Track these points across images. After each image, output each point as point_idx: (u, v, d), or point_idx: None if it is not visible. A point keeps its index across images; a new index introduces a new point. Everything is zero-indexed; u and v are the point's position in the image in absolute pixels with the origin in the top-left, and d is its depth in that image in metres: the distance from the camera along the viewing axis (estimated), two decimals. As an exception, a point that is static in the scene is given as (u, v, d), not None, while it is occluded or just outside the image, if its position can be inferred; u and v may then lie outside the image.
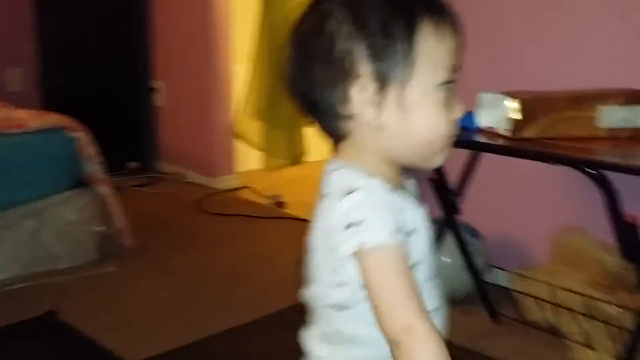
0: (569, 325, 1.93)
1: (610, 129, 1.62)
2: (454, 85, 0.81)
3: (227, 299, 2.35)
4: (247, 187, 3.70)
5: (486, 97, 1.69)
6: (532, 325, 2.04)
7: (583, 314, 1.87)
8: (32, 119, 2.52)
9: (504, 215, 2.39)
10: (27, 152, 2.43)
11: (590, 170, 1.46)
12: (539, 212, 2.28)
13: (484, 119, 1.70)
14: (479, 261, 2.17)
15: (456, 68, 0.81)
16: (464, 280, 2.20)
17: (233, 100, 3.72)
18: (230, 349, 2.02)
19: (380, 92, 0.78)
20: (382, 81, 0.77)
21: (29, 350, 1.98)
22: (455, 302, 2.24)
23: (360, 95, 0.78)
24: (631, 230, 1.51)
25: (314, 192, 3.04)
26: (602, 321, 1.82)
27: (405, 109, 0.79)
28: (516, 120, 1.58)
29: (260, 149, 3.63)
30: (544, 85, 1.79)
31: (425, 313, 0.77)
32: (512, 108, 1.59)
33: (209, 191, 3.62)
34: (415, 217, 0.83)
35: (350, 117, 0.80)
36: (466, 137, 1.70)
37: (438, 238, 2.02)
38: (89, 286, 2.42)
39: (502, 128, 1.62)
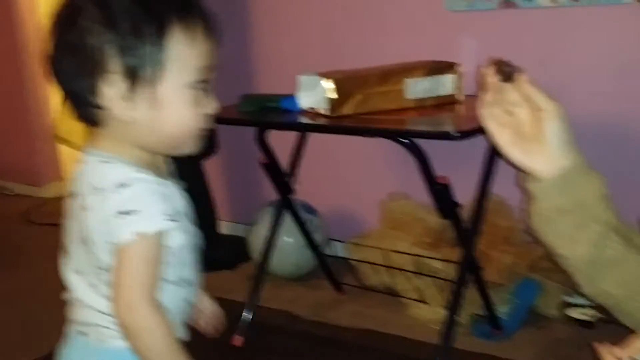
0: (403, 284, 2.09)
1: (417, 100, 1.75)
2: (208, 83, 0.87)
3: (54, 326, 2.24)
4: (79, 192, 3.54)
5: (304, 79, 1.76)
6: (371, 289, 2.18)
7: (414, 272, 2.03)
8: None
9: (336, 190, 2.52)
10: None
11: (402, 140, 1.58)
12: (368, 183, 2.43)
13: (305, 100, 1.77)
14: (318, 237, 2.26)
15: (210, 68, 0.87)
16: (306, 257, 2.29)
17: (51, 103, 3.52)
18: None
19: (130, 89, 0.83)
20: (132, 78, 0.82)
21: None
22: (300, 279, 2.34)
23: (110, 90, 0.83)
24: (444, 190, 1.66)
25: None
26: (430, 276, 1.99)
27: (155, 105, 0.84)
28: (333, 99, 1.66)
29: (87, 151, 3.48)
30: (356, 63, 1.89)
31: (157, 305, 0.86)
32: (328, 88, 1.66)
33: (37, 201, 3.42)
34: (181, 201, 0.93)
35: (101, 108, 0.84)
36: (290, 119, 1.76)
37: (277, 219, 2.08)
38: None
39: (322, 107, 1.70)
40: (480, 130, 1.56)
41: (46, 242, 2.88)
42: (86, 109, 0.86)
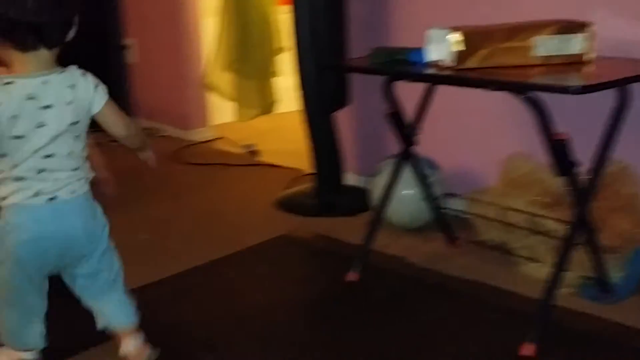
0: (516, 242, 2.12)
1: (544, 57, 1.78)
2: None
3: (205, 238, 2.51)
4: (221, 138, 3.84)
5: (433, 33, 1.83)
6: (484, 245, 2.23)
7: (528, 229, 2.06)
8: None
9: (458, 146, 2.57)
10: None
11: (522, 93, 1.63)
12: (489, 141, 2.47)
13: (432, 53, 1.85)
14: (436, 190, 2.35)
15: None
16: (423, 210, 2.38)
17: (204, 53, 3.83)
18: (210, 279, 2.18)
19: None
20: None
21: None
22: (416, 230, 2.44)
23: None
24: (561, 146, 1.68)
25: (286, 141, 3.27)
26: (545, 234, 2.01)
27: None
28: (459, 52, 1.73)
29: (232, 100, 3.75)
30: (488, 22, 1.94)
31: None
32: (455, 41, 1.73)
33: (185, 143, 3.76)
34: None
35: None
36: (417, 70, 1.85)
37: (397, 170, 2.19)
38: None
39: (448, 60, 1.77)
40: (601, 87, 1.59)
41: (190, 179, 3.20)
42: None
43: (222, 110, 4.02)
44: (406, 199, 2.38)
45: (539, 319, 1.73)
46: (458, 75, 1.72)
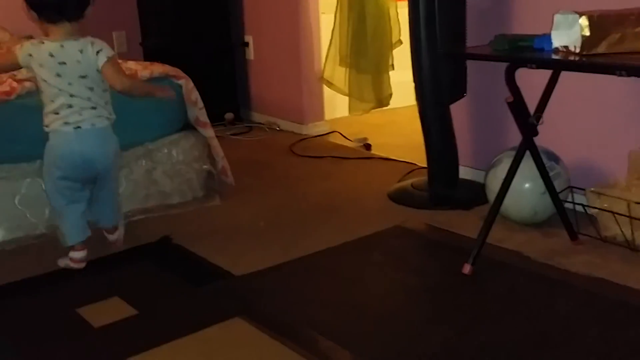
0: (645, 238, 2.01)
1: (681, 42, 1.68)
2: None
3: (320, 227, 2.56)
4: (335, 132, 3.90)
5: (559, 17, 1.78)
6: (610, 241, 2.14)
7: (658, 225, 1.95)
8: (143, 69, 2.79)
9: (582, 137, 2.47)
10: (140, 99, 2.70)
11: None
12: (616, 132, 2.35)
13: (558, 39, 1.80)
14: (558, 184, 2.26)
15: None
16: (544, 203, 2.31)
17: (320, 49, 3.90)
18: (326, 265, 2.23)
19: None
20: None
21: (148, 269, 2.26)
22: (536, 225, 2.37)
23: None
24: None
25: (399, 135, 3.32)
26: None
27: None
28: (586, 37, 1.67)
29: (346, 94, 3.80)
30: (616, 5, 1.86)
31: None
32: (582, 26, 1.68)
33: (300, 137, 3.85)
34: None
35: None
36: (542, 57, 1.80)
37: (517, 161, 2.13)
38: (197, 217, 2.70)
39: (575, 46, 1.72)
40: None
41: (305, 171, 3.28)
42: None
43: (336, 105, 4.08)
44: (525, 192, 2.31)
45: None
46: (586, 61, 1.66)
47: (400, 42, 3.68)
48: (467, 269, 2.09)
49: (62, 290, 2.12)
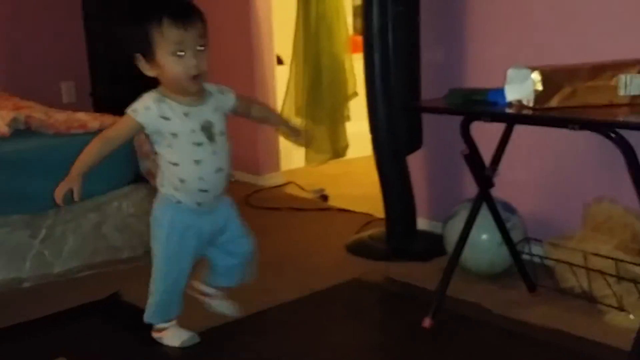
0: (602, 290, 2.01)
1: (631, 97, 1.72)
2: (187, 50, 1.70)
3: (276, 280, 2.49)
4: (292, 182, 3.87)
5: (512, 72, 1.81)
6: (567, 292, 2.13)
7: (615, 276, 1.96)
8: (92, 120, 2.73)
9: (538, 190, 2.49)
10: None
11: (610, 133, 1.57)
12: (572, 185, 2.38)
13: (511, 93, 1.82)
14: (515, 235, 2.27)
15: (182, 42, 1.70)
16: (501, 255, 2.30)
17: (275, 100, 3.90)
18: (282, 321, 2.16)
19: (145, 60, 1.75)
20: (143, 55, 1.75)
21: (96, 328, 2.16)
22: (494, 277, 2.36)
23: (140, 62, 1.77)
24: (653, 188, 1.60)
25: (356, 186, 3.28)
26: (634, 282, 1.91)
27: (159, 67, 1.74)
28: (539, 92, 1.69)
29: (303, 145, 3.79)
30: (567, 60, 1.90)
31: (101, 137, 1.82)
32: (535, 80, 1.70)
33: (256, 188, 3.80)
34: (172, 112, 1.78)
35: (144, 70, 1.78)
36: (496, 111, 1.82)
37: (474, 213, 2.13)
38: (149, 272, 2.59)
39: (528, 100, 1.74)
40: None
41: (261, 223, 3.22)
42: (142, 67, 1.78)
43: (293, 156, 4.06)
44: (483, 244, 2.31)
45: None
46: (539, 115, 1.68)
47: (355, 93, 3.71)
48: (427, 322, 2.05)
49: (2, 353, 1.99)
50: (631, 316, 1.92)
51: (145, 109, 1.74)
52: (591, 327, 1.99)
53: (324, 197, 3.58)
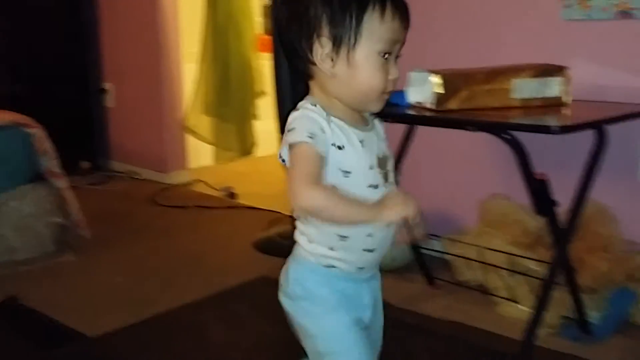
0: (495, 282, 2.13)
1: (523, 100, 1.82)
2: (393, 54, 1.11)
3: (183, 280, 2.47)
4: (199, 180, 3.83)
5: (414, 75, 1.88)
6: (463, 285, 2.24)
7: (507, 270, 2.08)
8: (-12, 115, 2.61)
9: (438, 187, 2.60)
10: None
11: (502, 134, 1.66)
12: (469, 183, 2.50)
13: (413, 95, 1.89)
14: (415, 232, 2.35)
15: (395, 42, 1.10)
16: (402, 251, 2.38)
17: (183, 97, 3.85)
18: (190, 321, 2.14)
19: (334, 50, 1.09)
20: (336, 43, 1.08)
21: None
22: (395, 271, 2.44)
23: (321, 50, 1.09)
24: (541, 186, 1.71)
25: (264, 184, 3.26)
26: (524, 274, 2.03)
27: (352, 65, 1.09)
28: (439, 94, 1.77)
29: (210, 143, 3.77)
30: (466, 65, 1.99)
31: (317, 184, 1.05)
32: (435, 83, 1.77)
33: (162, 186, 3.74)
34: (347, 138, 1.11)
35: (313, 63, 1.10)
36: (398, 112, 1.88)
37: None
38: (48, 274, 2.51)
39: (429, 102, 1.81)
40: (579, 128, 1.63)
41: (168, 222, 3.18)
42: (303, 64, 1.13)
43: (200, 153, 4.02)
44: (386, 240, 2.38)
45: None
46: (438, 117, 1.76)
47: (263, 92, 3.72)
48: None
49: None
50: (522, 307, 2.04)
51: (321, 132, 1.08)
52: (486, 318, 2.10)
53: (232, 195, 3.57)
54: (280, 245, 2.78)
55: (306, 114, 1.10)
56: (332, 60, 1.09)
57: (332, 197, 1.05)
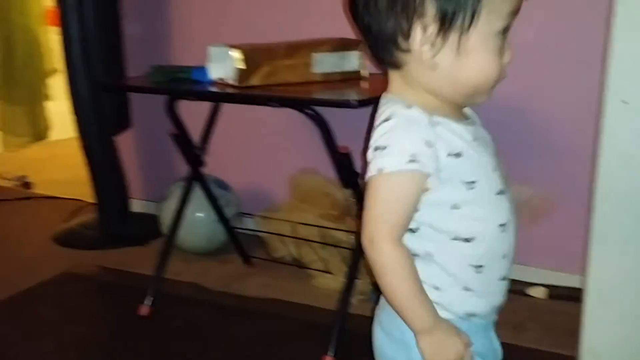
0: (309, 256, 2.15)
1: (324, 74, 1.83)
2: (509, 31, 0.85)
3: None
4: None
5: (213, 50, 1.80)
6: (279, 261, 2.24)
7: (319, 243, 2.10)
8: None
9: (248, 165, 2.56)
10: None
11: (305, 110, 1.65)
12: (279, 158, 2.49)
13: (214, 71, 1.81)
14: (229, 211, 2.30)
15: (515, 13, 0.84)
16: (217, 232, 2.32)
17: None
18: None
19: (441, 34, 0.81)
20: (445, 24, 0.81)
21: None
22: (211, 253, 2.38)
23: (422, 33, 0.82)
24: (345, 159, 1.74)
25: (63, 170, 2.99)
26: (335, 246, 2.07)
27: (461, 52, 0.82)
28: (241, 70, 1.71)
29: (-1, 129, 3.40)
30: (267, 40, 1.95)
31: (401, 243, 0.85)
32: (236, 59, 1.71)
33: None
34: (461, 142, 0.86)
35: (407, 50, 0.83)
36: (199, 89, 1.80)
37: (187, 193, 2.11)
38: None
39: (230, 78, 1.75)
40: (377, 100, 1.67)
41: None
42: (391, 50, 0.85)
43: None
44: (198, 222, 2.30)
45: (336, 329, 1.75)
46: (241, 93, 1.70)
47: (55, 70, 3.42)
48: (144, 310, 1.99)
49: None
50: (336, 277, 2.08)
51: (428, 146, 0.83)
52: (303, 291, 2.12)
53: (26, 185, 3.25)
54: (84, 237, 2.59)
55: (405, 123, 0.83)
56: (433, 46, 0.82)
57: (407, 268, 0.85)
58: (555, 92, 2.02)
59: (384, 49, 0.85)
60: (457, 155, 0.85)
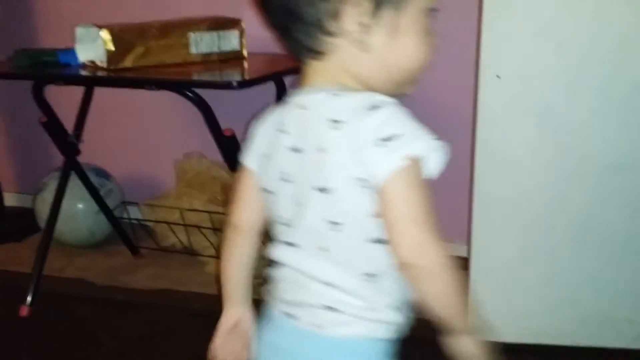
0: (200, 242, 2.09)
1: (202, 54, 1.75)
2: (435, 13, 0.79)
3: None
4: None
5: (81, 31, 1.68)
6: (169, 250, 2.16)
7: (209, 228, 2.04)
8: None
9: (129, 152, 2.45)
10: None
11: (186, 92, 1.57)
12: (161, 144, 2.39)
13: (83, 54, 1.70)
14: (111, 201, 2.19)
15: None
16: (100, 223, 2.21)
17: None
18: None
19: (374, 13, 0.74)
20: (379, 2, 0.74)
21: None
22: (95, 246, 2.26)
23: (354, 13, 0.74)
24: (231, 142, 1.68)
25: None
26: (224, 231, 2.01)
27: (394, 32, 0.75)
28: (111, 52, 1.61)
29: None
30: (141, 19, 1.84)
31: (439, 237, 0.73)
32: (105, 39, 1.61)
33: None
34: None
35: (336, 33, 0.75)
36: (67, 72, 1.68)
37: (63, 184, 1.98)
38: None
39: (101, 60, 1.64)
40: (259, 81, 1.62)
41: None
42: (315, 35, 0.75)
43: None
44: (78, 213, 2.18)
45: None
46: (113, 76, 1.60)
47: None
48: (24, 310, 1.86)
49: None
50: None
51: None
52: (196, 279, 2.05)
53: None
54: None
55: (399, 107, 0.73)
56: (366, 26, 0.74)
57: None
58: (436, 71, 2.04)
59: (308, 34, 0.76)
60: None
